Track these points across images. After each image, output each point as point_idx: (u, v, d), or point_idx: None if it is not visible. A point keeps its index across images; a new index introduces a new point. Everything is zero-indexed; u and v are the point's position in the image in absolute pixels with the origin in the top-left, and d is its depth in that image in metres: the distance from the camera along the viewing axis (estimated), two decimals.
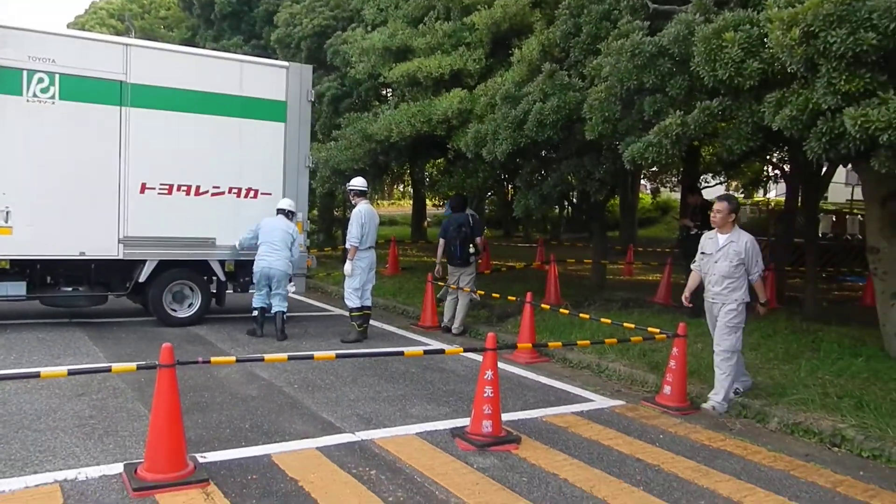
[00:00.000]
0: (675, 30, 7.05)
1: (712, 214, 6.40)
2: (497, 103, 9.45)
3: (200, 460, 4.66)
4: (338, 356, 5.02)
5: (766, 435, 5.85)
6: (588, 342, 7.20)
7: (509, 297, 9.29)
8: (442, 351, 5.88)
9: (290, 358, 5.02)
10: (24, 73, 8.19)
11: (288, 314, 9.20)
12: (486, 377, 5.23)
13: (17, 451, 4.74)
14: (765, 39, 6.21)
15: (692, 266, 6.75)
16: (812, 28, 5.49)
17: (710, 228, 10.59)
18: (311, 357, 5.01)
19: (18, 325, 8.80)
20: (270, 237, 8.87)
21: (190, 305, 9.49)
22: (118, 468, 4.48)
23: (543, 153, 10.21)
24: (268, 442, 5.13)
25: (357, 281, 8.97)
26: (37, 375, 4.44)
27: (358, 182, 9.36)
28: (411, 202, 25.69)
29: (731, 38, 6.43)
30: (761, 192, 31.60)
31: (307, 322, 10.01)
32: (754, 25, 6.36)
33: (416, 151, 12.44)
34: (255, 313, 9.03)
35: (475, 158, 10.26)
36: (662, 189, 32.39)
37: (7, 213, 8.20)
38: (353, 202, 9.45)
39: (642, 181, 32.99)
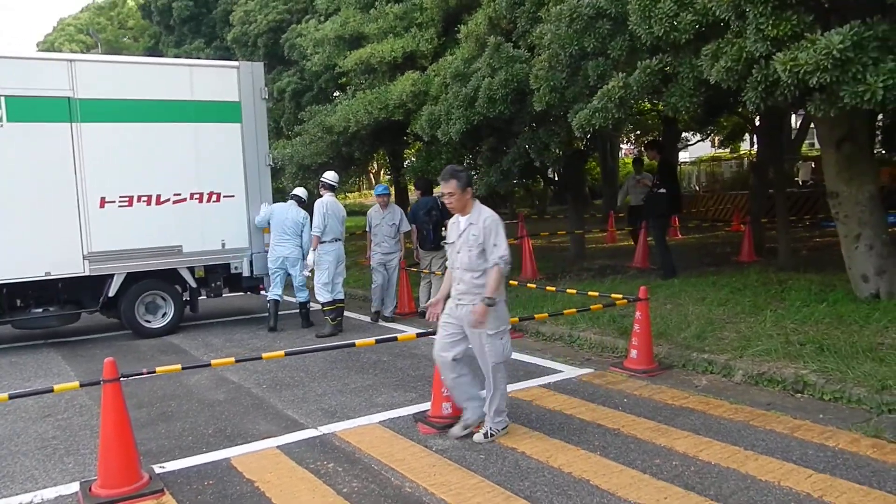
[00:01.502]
0: None
1: (447, 200, 4.93)
2: (448, 82, 9.38)
3: (159, 471, 4.66)
4: (287, 353, 4.98)
5: (731, 388, 5.85)
6: (546, 315, 7.20)
7: None
8: (395, 338, 5.86)
9: (237, 360, 5.00)
10: None
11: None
12: None
13: None
14: None
15: (448, 264, 5.14)
16: None
17: (675, 186, 10.58)
18: (260, 357, 4.95)
19: None
20: (282, 226, 9.38)
21: (164, 315, 9.47)
22: (74, 487, 4.48)
23: (499, 129, 10.15)
24: (229, 446, 5.12)
25: (326, 275, 8.99)
26: None
27: (328, 176, 9.52)
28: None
29: None
30: (747, 144, 31.40)
31: (285, 320, 9.98)
32: None
33: (380, 139, 12.37)
34: (269, 305, 9.50)
35: (435, 140, 10.20)
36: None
37: None
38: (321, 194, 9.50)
39: (626, 146, 32.78)
